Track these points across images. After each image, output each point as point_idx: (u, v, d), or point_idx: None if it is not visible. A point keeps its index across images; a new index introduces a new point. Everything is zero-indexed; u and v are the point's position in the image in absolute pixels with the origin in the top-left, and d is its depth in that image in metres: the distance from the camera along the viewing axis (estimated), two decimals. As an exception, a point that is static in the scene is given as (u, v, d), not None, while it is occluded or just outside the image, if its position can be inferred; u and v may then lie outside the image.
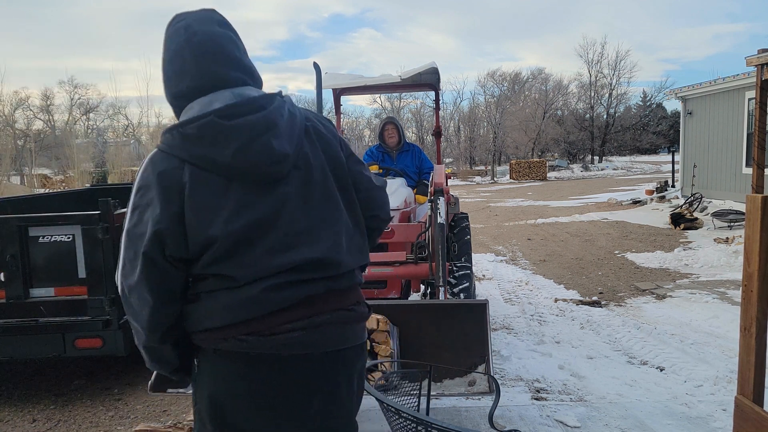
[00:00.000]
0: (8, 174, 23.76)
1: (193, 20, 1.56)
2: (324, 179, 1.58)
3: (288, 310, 1.49)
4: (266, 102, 1.53)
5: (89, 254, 4.11)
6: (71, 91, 46.34)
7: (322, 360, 1.53)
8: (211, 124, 1.45)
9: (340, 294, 1.58)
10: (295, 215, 1.52)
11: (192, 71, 1.52)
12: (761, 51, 7.74)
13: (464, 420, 3.67)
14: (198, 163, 1.46)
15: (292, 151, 1.53)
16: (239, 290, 1.47)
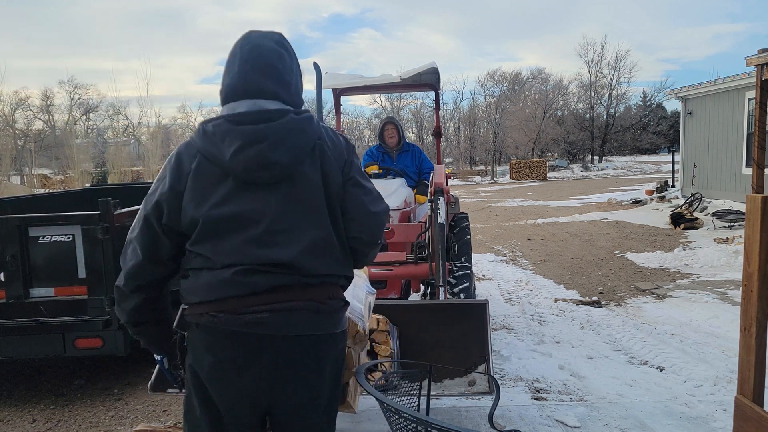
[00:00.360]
0: (8, 174, 23.75)
1: (256, 35, 1.80)
2: (314, 193, 1.74)
3: (257, 294, 1.66)
4: (275, 115, 1.71)
5: (89, 254, 4.11)
6: (71, 91, 46.37)
7: (290, 342, 1.68)
8: (223, 126, 1.69)
9: (309, 288, 1.71)
10: (276, 218, 1.69)
11: (234, 72, 1.75)
12: (761, 51, 7.74)
13: (464, 420, 3.67)
14: (206, 155, 1.71)
15: (285, 162, 1.69)
16: (216, 272, 1.67)
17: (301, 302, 1.70)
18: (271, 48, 1.77)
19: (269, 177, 1.70)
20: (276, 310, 1.67)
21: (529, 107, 48.76)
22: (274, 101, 1.75)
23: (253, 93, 1.73)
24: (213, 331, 1.68)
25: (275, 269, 1.68)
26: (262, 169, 1.68)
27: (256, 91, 1.73)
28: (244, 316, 1.66)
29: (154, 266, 1.77)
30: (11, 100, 40.04)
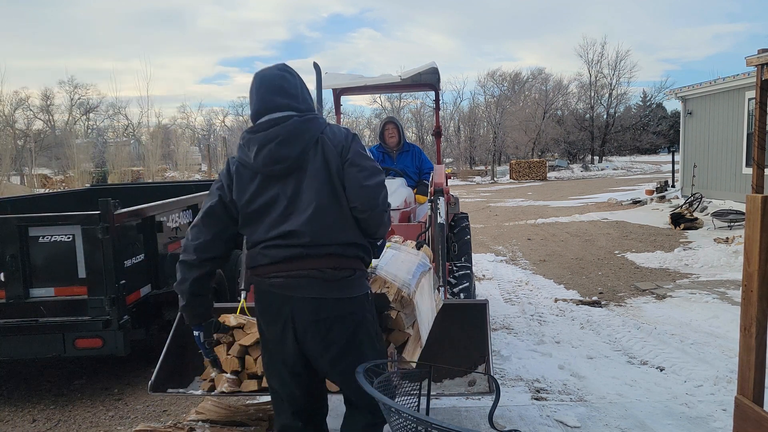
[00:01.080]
0: (8, 174, 23.74)
1: (263, 70, 2.33)
2: (319, 176, 2.20)
3: (275, 263, 2.20)
4: (281, 120, 2.20)
5: (89, 254, 4.11)
6: (71, 91, 46.38)
7: (301, 302, 2.18)
8: (246, 137, 2.26)
9: (314, 258, 2.18)
10: (290, 201, 2.20)
11: (254, 99, 2.29)
12: (761, 51, 7.74)
13: (464, 420, 3.67)
14: (240, 161, 2.28)
15: (293, 155, 2.19)
16: (255, 247, 2.27)
17: (306, 270, 2.17)
18: (275, 74, 2.29)
19: (282, 169, 2.20)
20: (289, 276, 2.18)
21: (529, 107, 48.73)
22: (286, 111, 2.23)
23: (270, 109, 2.23)
24: (258, 288, 2.28)
25: (287, 241, 2.17)
26: (275, 163, 2.18)
27: (272, 107, 2.23)
28: (268, 279, 2.21)
29: (212, 242, 2.29)
30: (11, 100, 40.08)
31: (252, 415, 3.53)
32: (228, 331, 2.96)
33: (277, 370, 2.31)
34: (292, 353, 2.24)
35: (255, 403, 3.69)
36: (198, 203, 5.76)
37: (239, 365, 3.09)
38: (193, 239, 2.30)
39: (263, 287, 2.24)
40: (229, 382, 3.03)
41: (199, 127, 56.97)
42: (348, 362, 2.19)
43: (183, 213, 5.47)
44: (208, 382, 3.09)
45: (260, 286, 2.26)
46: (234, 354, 3.08)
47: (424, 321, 2.76)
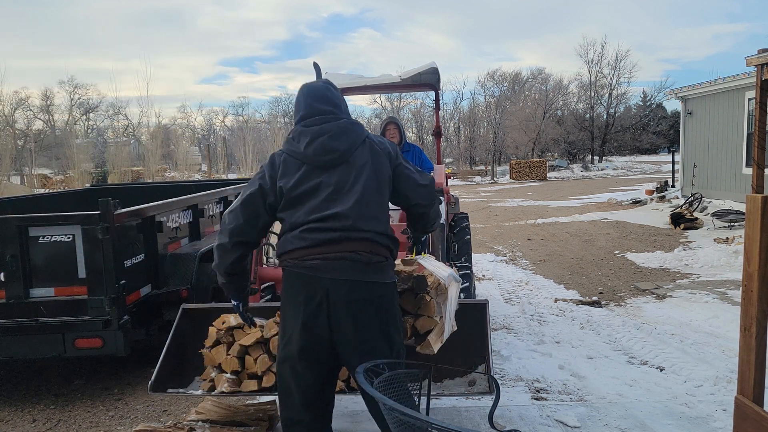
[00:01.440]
0: (8, 174, 23.75)
1: (309, 84, 2.62)
2: (365, 170, 2.44)
3: (314, 246, 2.34)
4: (332, 119, 2.49)
5: (89, 254, 4.11)
6: (71, 91, 46.38)
7: (336, 284, 2.31)
8: (298, 130, 2.49)
9: (353, 241, 2.34)
10: (335, 189, 2.40)
11: (302, 105, 2.55)
12: (761, 51, 7.74)
13: (464, 420, 3.67)
14: (289, 153, 2.49)
15: (343, 148, 2.43)
16: (293, 231, 2.40)
17: (343, 253, 2.32)
18: (321, 86, 2.60)
19: (330, 160, 2.43)
20: (327, 258, 2.31)
21: (529, 107, 48.71)
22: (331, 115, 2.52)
23: (318, 113, 2.50)
24: (290, 273, 2.40)
25: (328, 224, 2.34)
26: (325, 153, 2.42)
27: (319, 113, 2.50)
28: (305, 261, 2.34)
29: (248, 227, 2.47)
30: (11, 100, 40.08)
31: (252, 415, 3.53)
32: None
33: (295, 357, 2.39)
34: (321, 335, 2.35)
35: (255, 403, 3.69)
36: (198, 203, 5.76)
37: (239, 365, 3.09)
38: (228, 223, 2.48)
39: (297, 270, 2.37)
40: (229, 382, 3.04)
41: (199, 127, 57.02)
42: (374, 345, 2.36)
43: (183, 213, 5.47)
44: (208, 382, 3.10)
45: (293, 270, 2.38)
46: (234, 354, 3.09)
47: (449, 319, 2.85)
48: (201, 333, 3.28)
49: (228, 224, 2.48)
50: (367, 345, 2.36)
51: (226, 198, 6.64)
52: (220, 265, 2.54)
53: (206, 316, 3.37)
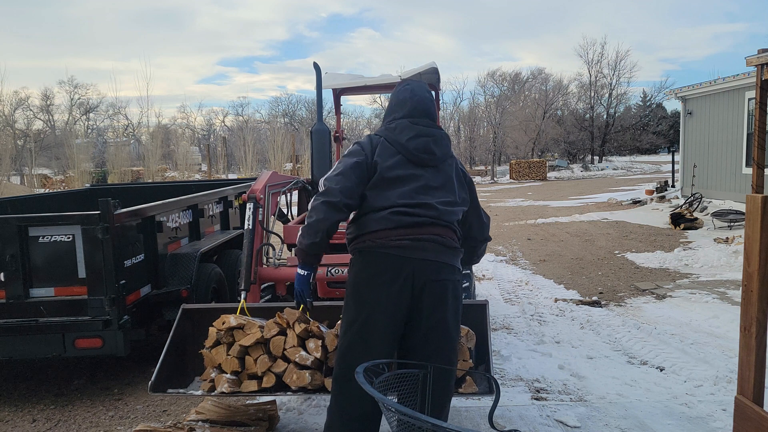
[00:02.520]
0: (8, 174, 23.75)
1: (415, 86, 2.79)
2: (452, 179, 2.65)
3: (403, 228, 2.47)
4: (434, 126, 2.70)
5: (89, 254, 4.11)
6: (71, 91, 46.39)
7: (423, 264, 2.46)
8: (404, 123, 2.65)
9: (438, 227, 2.52)
10: (425, 185, 2.56)
11: (407, 110, 2.69)
12: (761, 51, 7.73)
13: (464, 420, 3.67)
14: (387, 139, 2.62)
15: (439, 154, 2.63)
16: (378, 212, 2.52)
17: (432, 236, 2.48)
18: (427, 98, 2.76)
19: (426, 159, 2.60)
20: (414, 239, 2.45)
21: (529, 107, 48.68)
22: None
23: (421, 118, 2.70)
24: (373, 253, 2.49)
25: (418, 210, 2.49)
26: (425, 152, 2.59)
27: (422, 118, 2.70)
28: (392, 241, 2.46)
29: (356, 192, 2.55)
30: (11, 100, 40.12)
31: (252, 415, 3.53)
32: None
33: (370, 337, 2.47)
34: (403, 312, 2.47)
35: (255, 403, 3.69)
36: (198, 203, 5.76)
37: (239, 366, 3.09)
38: (338, 184, 2.50)
39: (383, 250, 2.46)
40: (229, 383, 3.03)
41: (199, 127, 56.97)
42: (450, 323, 2.55)
43: (183, 213, 5.47)
44: (208, 383, 3.10)
45: (379, 250, 2.47)
46: (234, 354, 3.09)
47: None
48: (201, 333, 3.28)
49: (337, 185, 2.50)
50: (441, 324, 2.51)
51: (226, 198, 6.64)
52: (323, 221, 2.51)
53: (206, 316, 3.37)
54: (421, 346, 2.53)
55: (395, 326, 2.50)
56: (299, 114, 55.10)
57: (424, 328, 2.51)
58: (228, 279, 5.75)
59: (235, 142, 37.25)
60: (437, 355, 2.52)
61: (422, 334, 2.52)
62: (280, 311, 3.17)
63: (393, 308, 2.46)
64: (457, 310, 2.60)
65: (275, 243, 4.44)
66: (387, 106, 2.83)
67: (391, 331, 2.50)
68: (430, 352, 2.52)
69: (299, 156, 28.70)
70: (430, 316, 2.50)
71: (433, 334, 2.52)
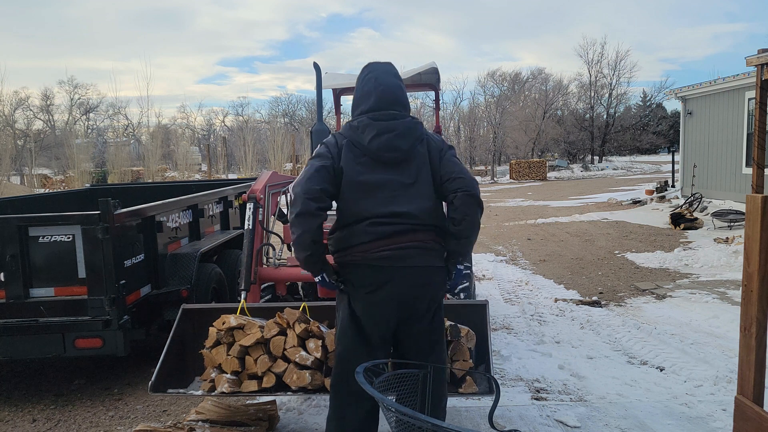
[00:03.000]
0: (8, 174, 23.75)
1: (380, 72, 2.65)
2: (423, 167, 2.55)
3: (383, 239, 2.45)
4: (399, 116, 2.57)
5: (89, 254, 4.11)
6: (71, 91, 46.37)
7: (408, 271, 2.47)
8: (365, 122, 2.55)
9: (419, 232, 2.50)
10: (398, 186, 2.50)
11: (371, 103, 2.60)
12: (761, 51, 7.73)
13: (464, 420, 3.67)
14: (351, 141, 2.55)
15: (406, 146, 2.53)
16: (356, 225, 2.49)
17: (413, 243, 2.47)
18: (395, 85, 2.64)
19: (393, 157, 2.52)
20: (398, 248, 2.45)
21: (529, 107, 48.67)
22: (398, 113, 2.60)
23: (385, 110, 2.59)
24: (357, 266, 2.49)
25: (397, 220, 2.46)
26: (389, 150, 2.51)
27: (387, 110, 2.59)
28: (374, 253, 2.45)
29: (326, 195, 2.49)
30: (11, 100, 40.10)
31: (252, 415, 3.53)
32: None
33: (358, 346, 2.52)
34: (392, 321, 2.51)
35: (255, 403, 3.69)
36: (198, 203, 5.76)
37: (239, 366, 3.09)
38: (305, 192, 2.45)
39: (366, 263, 2.47)
40: (229, 383, 3.03)
41: (199, 127, 56.96)
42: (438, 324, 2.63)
43: (183, 213, 5.47)
44: (209, 383, 3.10)
45: (362, 263, 2.47)
46: (234, 354, 3.09)
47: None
48: (201, 333, 3.28)
49: (305, 193, 2.45)
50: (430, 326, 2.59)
51: (226, 198, 6.64)
52: (306, 232, 2.47)
53: (206, 317, 3.37)
54: (415, 349, 2.58)
55: (385, 335, 2.55)
56: (299, 114, 55.17)
57: (415, 332, 2.57)
58: (228, 279, 5.75)
59: (235, 142, 37.25)
60: (432, 356, 2.59)
61: (414, 338, 2.58)
62: (280, 311, 3.17)
63: (381, 318, 2.50)
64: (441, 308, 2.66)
65: (275, 243, 4.44)
66: (353, 96, 2.72)
67: (381, 340, 2.55)
68: (425, 355, 2.58)
69: (299, 156, 28.72)
70: (420, 320, 2.55)
71: (425, 337, 2.59)
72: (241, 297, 3.62)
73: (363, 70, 2.70)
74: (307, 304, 3.28)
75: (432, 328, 2.62)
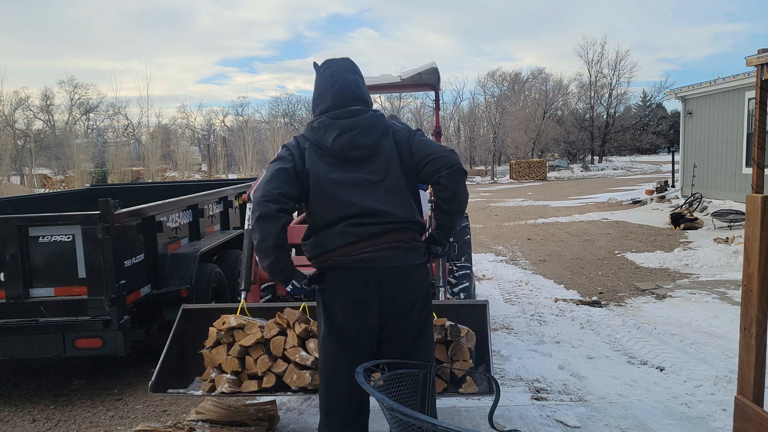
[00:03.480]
0: (8, 174, 23.76)
1: (335, 69, 2.55)
2: (392, 162, 2.45)
3: (362, 241, 2.38)
4: (360, 112, 2.46)
5: (89, 254, 4.11)
6: (71, 91, 46.37)
7: (389, 271, 2.41)
8: (326, 122, 2.45)
9: (396, 232, 2.42)
10: (367, 183, 2.41)
11: (329, 102, 2.49)
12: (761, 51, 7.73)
13: (464, 420, 3.67)
14: (314, 143, 2.46)
15: (370, 143, 2.43)
16: (331, 228, 2.41)
17: (392, 243, 2.41)
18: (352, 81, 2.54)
19: (358, 155, 2.43)
20: (376, 249, 2.39)
21: (529, 107, 48.67)
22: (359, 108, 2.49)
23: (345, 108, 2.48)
24: (336, 268, 2.42)
25: (372, 220, 2.38)
26: (353, 149, 2.42)
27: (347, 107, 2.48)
28: (354, 256, 2.38)
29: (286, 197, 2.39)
30: (11, 100, 40.11)
31: (252, 415, 3.53)
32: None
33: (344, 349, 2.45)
34: (374, 321, 2.44)
35: (255, 403, 3.69)
36: (198, 203, 5.76)
37: (239, 366, 3.09)
38: (265, 194, 2.36)
39: (348, 265, 2.40)
40: (229, 383, 3.03)
41: (199, 127, 56.97)
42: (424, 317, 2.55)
43: (183, 213, 5.47)
44: (209, 383, 3.10)
45: (341, 266, 2.40)
46: (234, 354, 3.09)
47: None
48: (201, 333, 3.28)
49: (265, 195, 2.36)
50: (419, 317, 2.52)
51: (226, 198, 6.64)
52: (267, 236, 2.36)
53: (206, 317, 3.37)
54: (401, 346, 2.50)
55: (369, 336, 2.47)
56: (299, 114, 55.20)
57: (397, 332, 2.49)
58: (228, 279, 5.75)
59: (235, 142, 37.25)
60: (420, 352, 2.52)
61: (397, 338, 2.50)
62: (280, 311, 3.17)
63: (363, 321, 2.43)
64: (427, 304, 2.58)
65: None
66: (312, 96, 2.62)
67: (365, 341, 2.48)
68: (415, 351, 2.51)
69: (299, 156, 28.68)
70: (408, 315, 2.48)
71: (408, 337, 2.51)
72: (241, 297, 3.62)
73: (320, 68, 2.59)
74: (307, 304, 3.27)
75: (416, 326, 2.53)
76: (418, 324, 2.53)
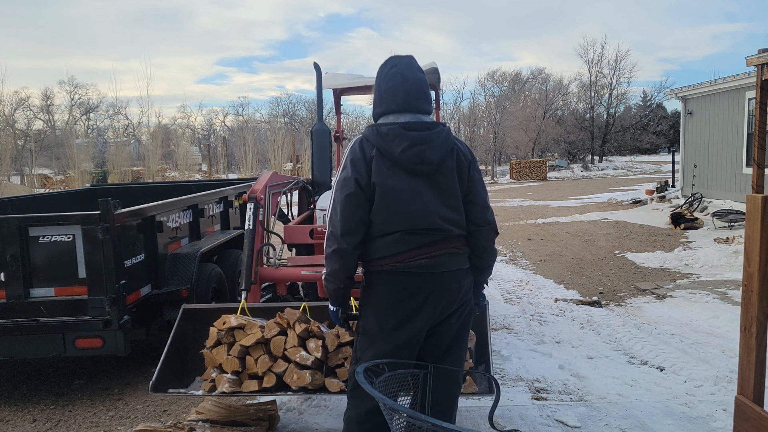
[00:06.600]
0: (8, 174, 23.76)
1: (404, 67, 2.57)
2: (452, 180, 2.52)
3: (420, 248, 2.45)
4: (431, 126, 2.49)
5: (89, 254, 4.11)
6: (71, 91, 46.41)
7: (441, 275, 2.48)
8: (396, 130, 2.44)
9: (449, 240, 2.51)
10: (429, 197, 2.47)
11: (399, 101, 2.50)
12: (761, 51, 7.73)
13: (464, 420, 3.67)
14: (381, 149, 2.45)
15: (436, 159, 2.47)
16: (389, 236, 2.45)
17: (446, 250, 2.49)
18: (421, 80, 2.57)
19: (424, 169, 2.46)
20: (433, 256, 2.46)
21: (529, 107, 48.68)
22: (425, 115, 2.55)
23: (414, 111, 2.51)
24: (392, 273, 2.46)
25: (428, 230, 2.45)
26: (422, 163, 2.45)
27: (416, 110, 2.51)
28: (411, 262, 2.44)
29: (361, 225, 2.44)
30: (11, 100, 40.14)
31: (252, 415, 3.53)
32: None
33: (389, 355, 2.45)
34: (421, 329, 2.48)
35: (255, 403, 3.70)
36: (198, 203, 5.76)
37: (240, 366, 3.09)
38: (341, 229, 2.44)
39: (403, 271, 2.46)
40: (229, 383, 3.03)
41: (199, 127, 56.96)
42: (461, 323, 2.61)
43: (183, 213, 5.47)
44: (209, 383, 3.10)
45: (398, 270, 2.46)
46: (235, 354, 3.09)
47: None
48: (202, 333, 3.28)
49: (340, 229, 2.43)
50: (468, 320, 2.62)
51: (227, 198, 6.63)
52: (341, 270, 2.49)
53: (207, 317, 3.37)
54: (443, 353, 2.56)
55: (417, 340, 2.51)
56: (299, 114, 55.17)
57: (448, 337, 2.55)
58: (228, 279, 5.75)
59: (235, 142, 37.23)
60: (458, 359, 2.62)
61: (447, 343, 2.56)
62: (281, 311, 3.17)
63: (416, 323, 2.46)
64: (468, 313, 2.65)
65: (276, 243, 4.44)
66: (375, 92, 2.60)
67: (414, 345, 2.51)
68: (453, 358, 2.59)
69: (299, 156, 28.68)
70: (457, 316, 2.55)
71: (459, 328, 2.59)
72: (241, 297, 3.62)
73: (386, 64, 2.60)
74: (307, 304, 3.27)
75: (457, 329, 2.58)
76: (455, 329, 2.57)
